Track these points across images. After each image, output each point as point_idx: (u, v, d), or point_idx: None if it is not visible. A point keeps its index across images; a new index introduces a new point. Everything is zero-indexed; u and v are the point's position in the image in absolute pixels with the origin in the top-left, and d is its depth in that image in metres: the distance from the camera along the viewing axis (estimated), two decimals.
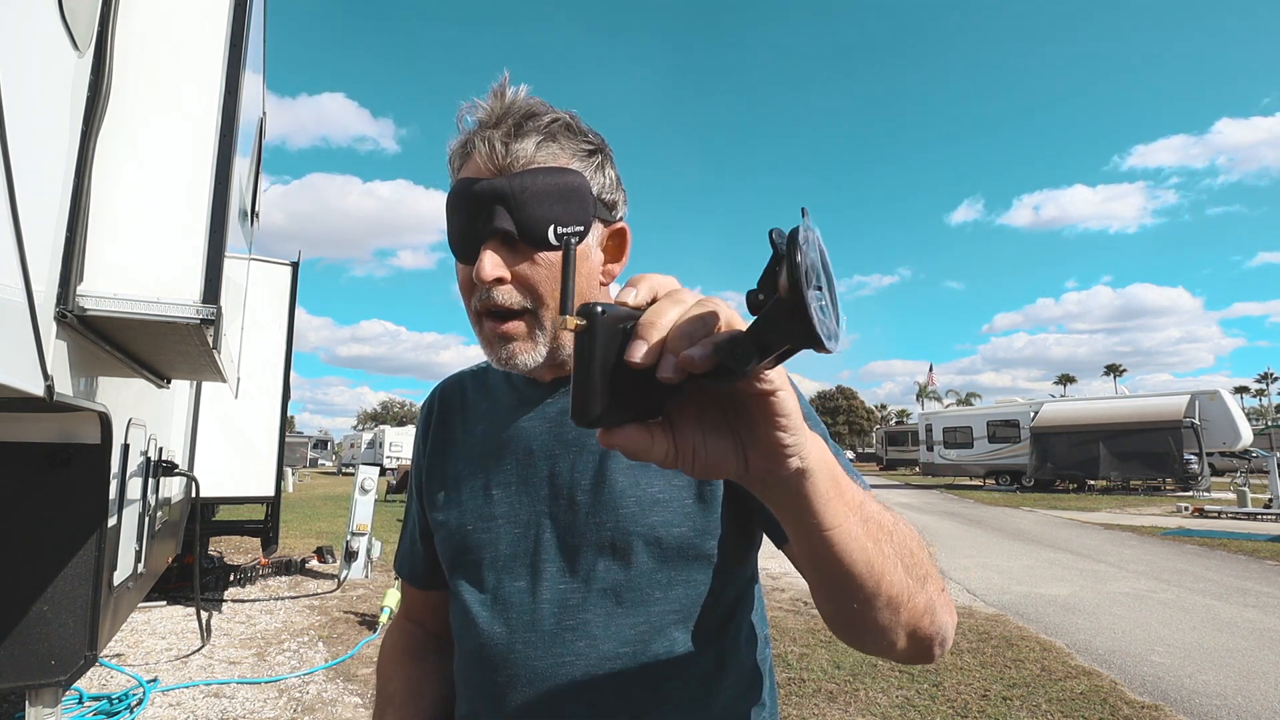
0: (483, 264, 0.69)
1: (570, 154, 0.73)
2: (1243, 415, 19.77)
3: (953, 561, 8.35)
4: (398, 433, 38.30)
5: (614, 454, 0.74)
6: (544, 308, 0.72)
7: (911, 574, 0.55)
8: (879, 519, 0.53)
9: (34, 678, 1.93)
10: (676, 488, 0.73)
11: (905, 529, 0.57)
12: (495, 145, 0.70)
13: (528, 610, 0.72)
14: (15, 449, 1.96)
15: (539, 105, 0.73)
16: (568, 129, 0.73)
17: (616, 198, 0.78)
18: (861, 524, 0.51)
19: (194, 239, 1.80)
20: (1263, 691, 3.92)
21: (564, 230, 0.70)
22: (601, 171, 0.75)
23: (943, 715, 3.62)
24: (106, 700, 3.66)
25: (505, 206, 0.69)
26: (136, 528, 2.80)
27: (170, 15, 1.88)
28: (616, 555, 0.71)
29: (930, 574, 0.58)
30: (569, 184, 0.71)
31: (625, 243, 0.79)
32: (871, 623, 0.56)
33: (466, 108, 0.74)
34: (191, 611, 5.45)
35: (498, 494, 0.78)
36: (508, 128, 0.71)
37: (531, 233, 0.69)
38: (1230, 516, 12.52)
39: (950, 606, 0.61)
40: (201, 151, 1.86)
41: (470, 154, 0.72)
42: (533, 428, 0.78)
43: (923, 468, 27.53)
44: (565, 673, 0.69)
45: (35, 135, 1.32)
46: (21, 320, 1.28)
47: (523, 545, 0.74)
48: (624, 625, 0.69)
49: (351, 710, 3.68)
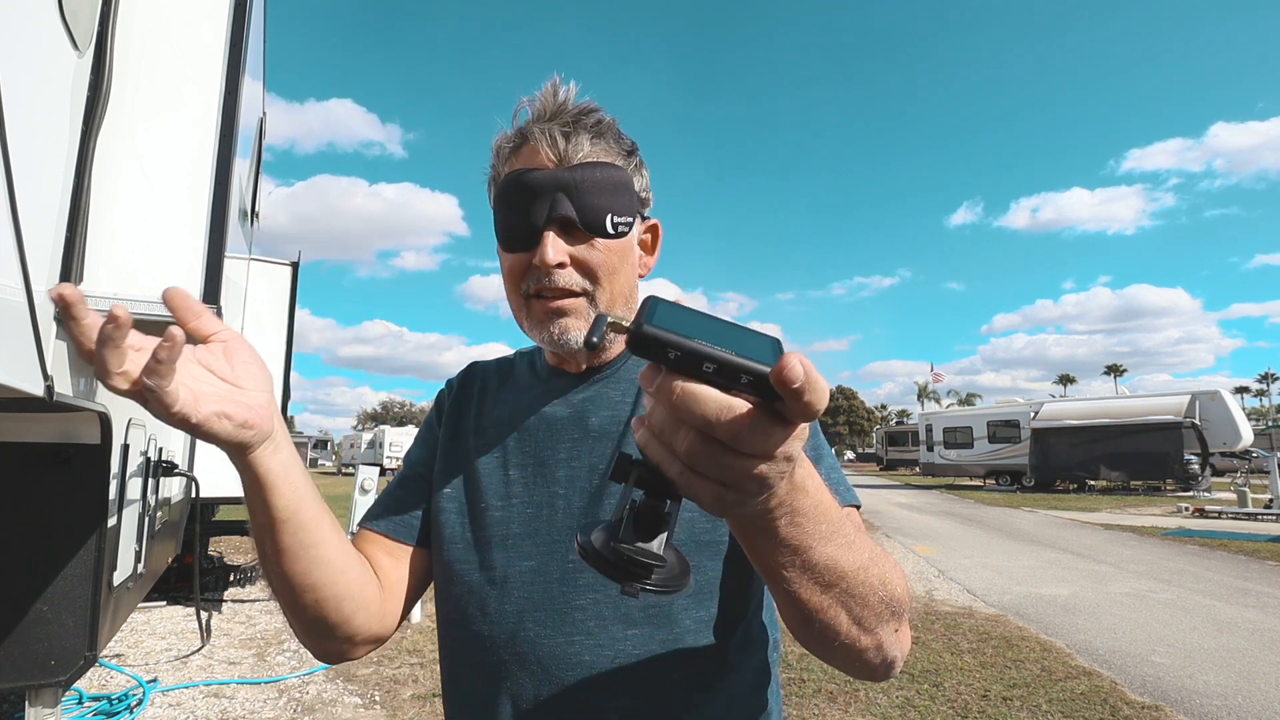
0: (545, 248, 0.72)
1: (616, 152, 0.77)
2: (1243, 415, 19.76)
3: (953, 562, 8.35)
4: (398, 433, 38.31)
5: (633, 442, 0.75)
6: (600, 290, 0.75)
7: (860, 623, 0.54)
8: (835, 566, 0.50)
9: (34, 678, 1.93)
10: None
11: (872, 573, 0.54)
12: (555, 137, 0.74)
13: (538, 590, 0.72)
14: (15, 449, 1.96)
15: (591, 104, 0.78)
16: (614, 130, 0.78)
17: (650, 196, 0.83)
18: (801, 571, 0.49)
19: (194, 239, 1.81)
20: (1263, 691, 3.92)
21: (618, 220, 0.75)
22: (639, 171, 0.80)
23: (943, 715, 3.62)
24: (106, 700, 3.66)
25: (567, 195, 0.73)
26: (136, 528, 2.80)
27: (170, 15, 1.88)
28: None
29: (882, 621, 0.56)
30: (621, 178, 0.75)
31: (658, 238, 0.85)
32: (806, 642, 0.57)
33: (525, 102, 0.77)
34: (191, 612, 5.45)
35: (514, 474, 0.78)
36: (565, 122, 0.75)
37: (592, 220, 0.73)
38: (1230, 517, 12.52)
39: (903, 642, 0.60)
40: (202, 152, 1.86)
41: (524, 146, 0.76)
42: (555, 413, 0.80)
43: (923, 468, 27.54)
44: (573, 653, 0.69)
45: (35, 135, 1.32)
46: (21, 320, 1.28)
47: (535, 525, 0.75)
48: (633, 608, 0.70)
49: (351, 710, 3.68)
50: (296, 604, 0.68)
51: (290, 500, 0.63)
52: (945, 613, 5.77)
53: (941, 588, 6.86)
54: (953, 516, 13.99)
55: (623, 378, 0.81)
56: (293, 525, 0.64)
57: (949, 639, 4.98)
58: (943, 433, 25.65)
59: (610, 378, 0.82)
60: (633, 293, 0.80)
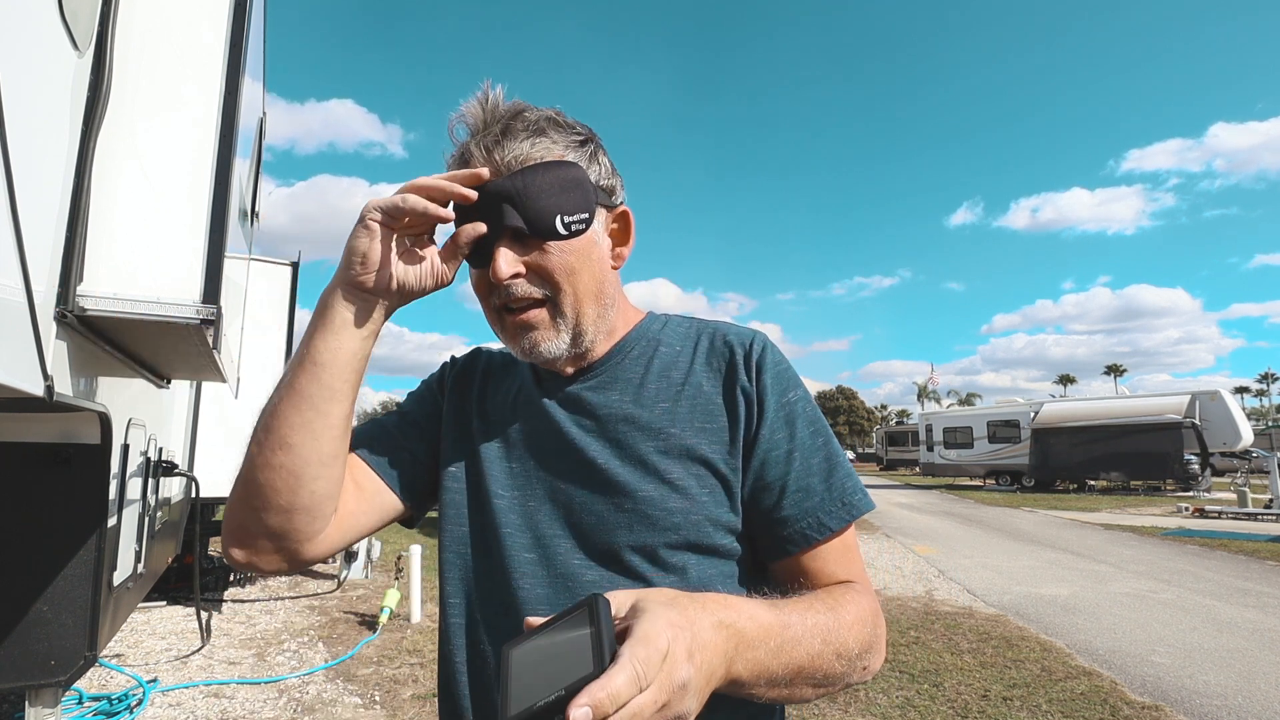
0: (498, 263, 0.71)
1: (563, 146, 0.75)
2: (1243, 415, 19.73)
3: (953, 562, 8.35)
4: None
5: (635, 437, 0.76)
6: (562, 294, 0.74)
7: (827, 683, 0.65)
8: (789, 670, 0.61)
9: (34, 678, 1.93)
10: (695, 476, 0.74)
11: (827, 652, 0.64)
12: (489, 148, 0.73)
13: (541, 581, 0.73)
14: (15, 449, 1.96)
15: (522, 105, 0.76)
16: (555, 123, 0.75)
17: (614, 183, 0.80)
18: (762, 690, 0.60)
19: (194, 239, 1.80)
20: (1263, 691, 3.92)
21: (570, 219, 0.73)
22: (595, 159, 0.78)
23: (943, 715, 3.62)
24: (106, 700, 3.66)
25: (511, 204, 0.71)
26: (136, 528, 2.80)
27: (170, 15, 1.88)
28: (632, 537, 0.72)
29: (846, 673, 0.66)
30: (568, 175, 0.73)
31: (630, 225, 0.82)
32: None
33: (455, 119, 0.76)
34: (191, 611, 5.45)
35: (515, 466, 0.79)
36: (497, 130, 0.73)
37: (540, 225, 0.72)
38: (1230, 517, 12.51)
39: (872, 666, 0.70)
40: (202, 151, 1.86)
41: (468, 162, 0.74)
42: (552, 409, 0.80)
43: (923, 468, 27.51)
44: None
45: (35, 135, 1.32)
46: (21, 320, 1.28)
47: (535, 519, 0.76)
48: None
49: (351, 710, 3.67)
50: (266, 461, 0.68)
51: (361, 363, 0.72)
52: (945, 613, 5.77)
53: (941, 588, 6.86)
54: (953, 516, 13.99)
55: (618, 376, 0.81)
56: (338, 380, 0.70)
57: (949, 639, 4.98)
58: (943, 433, 25.63)
59: (601, 376, 0.81)
60: (602, 287, 0.78)
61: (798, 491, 0.75)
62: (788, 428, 0.77)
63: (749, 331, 0.83)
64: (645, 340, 0.84)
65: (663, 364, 0.81)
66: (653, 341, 0.84)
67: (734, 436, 0.76)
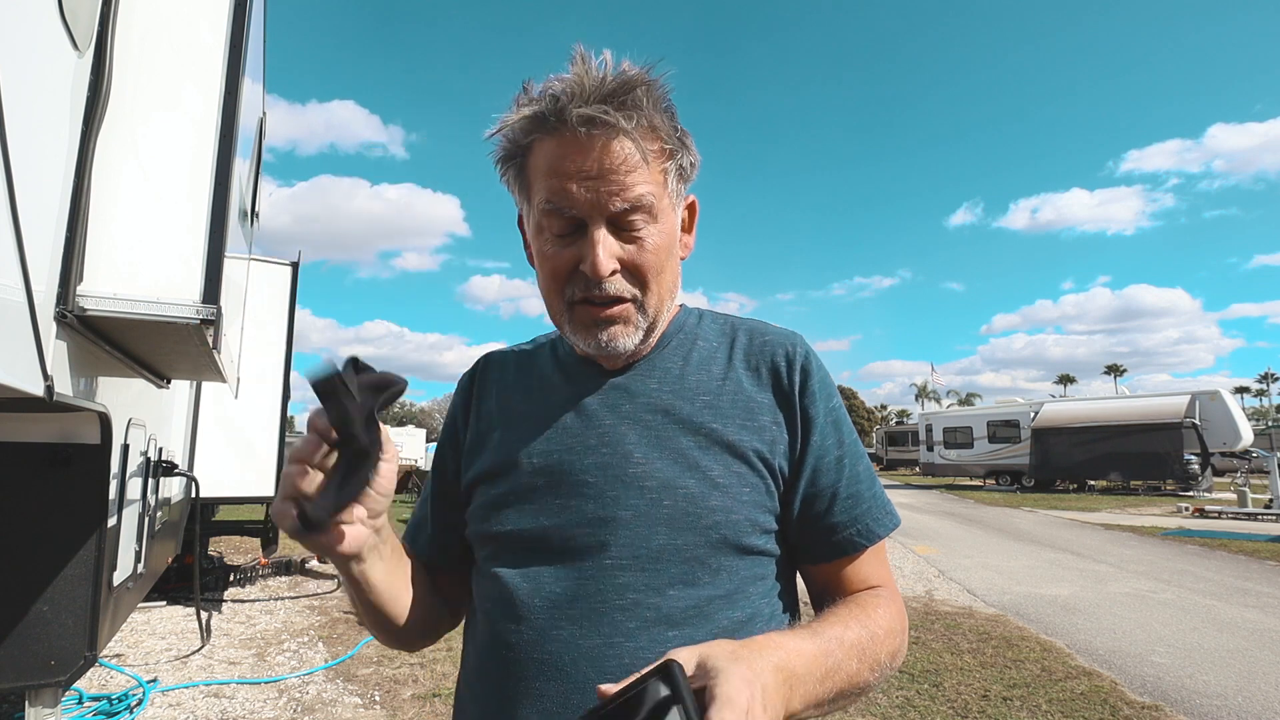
0: (598, 256, 0.68)
1: (665, 131, 0.71)
2: (1243, 415, 19.74)
3: (953, 562, 8.35)
4: (397, 432, 38.14)
5: (674, 430, 0.74)
6: (649, 293, 0.73)
7: (864, 691, 0.67)
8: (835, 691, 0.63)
9: (34, 678, 1.93)
10: (737, 474, 0.72)
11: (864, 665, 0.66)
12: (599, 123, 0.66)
13: (571, 587, 0.70)
14: (15, 449, 1.96)
15: (636, 76, 0.68)
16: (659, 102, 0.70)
17: (694, 167, 0.78)
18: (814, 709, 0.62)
19: (194, 239, 1.81)
20: (1263, 691, 3.92)
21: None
22: (684, 143, 0.75)
23: (943, 715, 3.62)
24: (106, 700, 3.66)
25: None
26: (136, 528, 2.80)
27: (170, 16, 1.88)
28: (671, 536, 0.69)
29: (881, 678, 0.69)
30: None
31: (695, 215, 0.82)
32: None
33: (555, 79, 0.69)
34: (191, 612, 5.45)
35: (542, 463, 0.76)
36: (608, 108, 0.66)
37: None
38: (1231, 517, 12.51)
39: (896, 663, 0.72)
40: (201, 152, 1.86)
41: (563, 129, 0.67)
42: (588, 404, 0.77)
43: (923, 468, 27.52)
44: (612, 655, 0.67)
45: (35, 135, 1.32)
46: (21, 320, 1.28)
47: (566, 518, 0.72)
48: (674, 609, 0.68)
49: (351, 710, 3.67)
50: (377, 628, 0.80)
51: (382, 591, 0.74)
52: (945, 613, 5.77)
53: (941, 588, 6.86)
54: (953, 516, 13.99)
55: (656, 365, 0.79)
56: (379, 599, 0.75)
57: (949, 639, 4.98)
58: (943, 433, 25.63)
59: (642, 368, 0.79)
60: (675, 285, 0.77)
61: (848, 498, 0.75)
62: (836, 434, 0.76)
63: (789, 334, 0.81)
64: (683, 333, 0.82)
65: (701, 357, 0.79)
66: (690, 334, 0.82)
67: (777, 438, 0.74)
